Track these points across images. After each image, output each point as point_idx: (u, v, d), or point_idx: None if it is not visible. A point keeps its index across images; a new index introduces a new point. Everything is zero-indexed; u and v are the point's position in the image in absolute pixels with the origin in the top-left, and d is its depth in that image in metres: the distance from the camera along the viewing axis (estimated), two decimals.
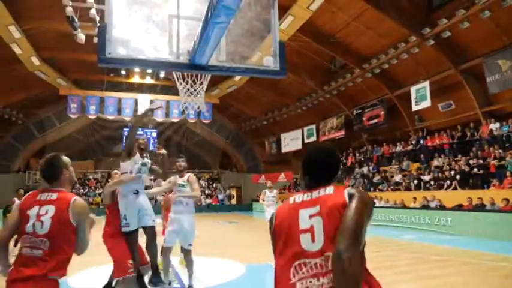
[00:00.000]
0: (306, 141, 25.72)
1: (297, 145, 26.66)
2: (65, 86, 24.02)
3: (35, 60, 19.92)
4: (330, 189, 1.80)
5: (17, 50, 18.29)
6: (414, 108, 17.70)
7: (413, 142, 18.62)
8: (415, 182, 16.05)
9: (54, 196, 2.47)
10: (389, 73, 18.78)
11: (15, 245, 3.03)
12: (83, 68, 23.63)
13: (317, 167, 1.95)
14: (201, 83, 7.51)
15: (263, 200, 11.29)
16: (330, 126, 24.18)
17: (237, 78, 23.43)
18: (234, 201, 31.44)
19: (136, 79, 27.07)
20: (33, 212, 2.37)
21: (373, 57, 18.21)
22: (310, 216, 1.76)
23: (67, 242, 2.36)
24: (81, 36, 15.01)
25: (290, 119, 26.90)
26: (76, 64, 22.91)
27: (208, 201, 28.44)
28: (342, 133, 23.06)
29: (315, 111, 24.77)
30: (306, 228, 1.75)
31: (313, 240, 1.71)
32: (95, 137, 30.84)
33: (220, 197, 29.85)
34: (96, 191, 27.00)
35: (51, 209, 2.38)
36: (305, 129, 25.98)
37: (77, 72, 24.71)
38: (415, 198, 14.64)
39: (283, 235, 1.83)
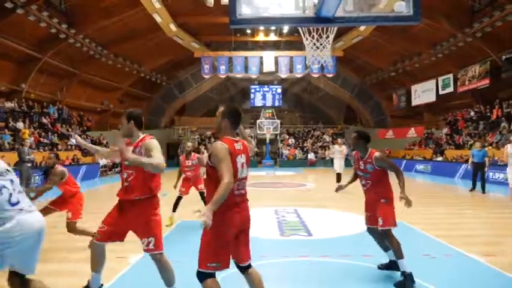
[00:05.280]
0: (441, 92, 23.16)
1: (430, 97, 24.24)
2: (198, 49, 26.11)
3: (173, 27, 22.08)
4: None
5: (158, 19, 20.48)
6: None
7: None
8: None
9: (241, 145, 2.91)
10: None
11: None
12: (213, 31, 25.25)
13: None
14: (327, 36, 7.33)
15: (333, 154, 13.69)
16: (471, 75, 21.16)
17: (362, 28, 22.04)
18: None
19: (261, 37, 27.76)
20: (238, 159, 2.83)
21: None
22: None
23: None
24: (210, 0, 15.94)
25: (422, 68, 24.38)
26: (207, 27, 24.59)
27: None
28: (486, 82, 20.00)
29: (453, 59, 21.85)
30: None
31: None
32: (226, 94, 33.29)
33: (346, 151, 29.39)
34: None
35: (245, 157, 2.91)
36: (440, 79, 23.32)
37: (208, 35, 26.53)
38: None
39: None
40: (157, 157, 3.11)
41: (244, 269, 2.95)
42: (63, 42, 19.40)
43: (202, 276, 2.74)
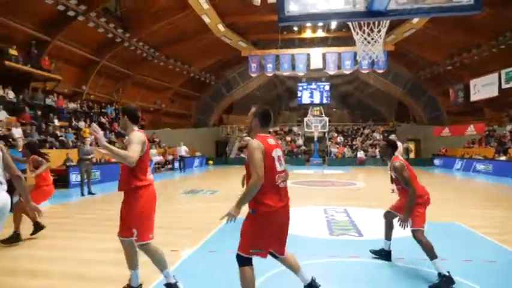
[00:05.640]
0: (504, 86, 21.51)
1: (492, 92, 22.59)
2: (245, 48, 26.39)
3: (221, 27, 22.53)
4: None
5: (206, 20, 20.97)
6: None
7: None
8: None
9: (274, 141, 3.08)
10: None
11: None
12: (260, 29, 25.39)
13: None
14: (379, 30, 7.07)
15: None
16: None
17: (416, 20, 21.06)
18: (411, 155, 29.43)
19: (308, 34, 27.48)
20: (274, 153, 2.99)
21: None
22: None
23: None
24: None
25: (482, 61, 22.79)
26: (254, 26, 24.78)
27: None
28: None
29: None
30: None
31: None
32: (273, 92, 33.39)
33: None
34: None
35: (281, 152, 3.08)
36: (503, 72, 21.66)
37: (255, 34, 26.72)
38: None
39: None
40: (131, 149, 3.25)
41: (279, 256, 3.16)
42: (119, 46, 20.51)
43: (241, 261, 2.92)
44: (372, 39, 7.15)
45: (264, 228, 2.90)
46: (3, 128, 13.41)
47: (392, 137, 11.71)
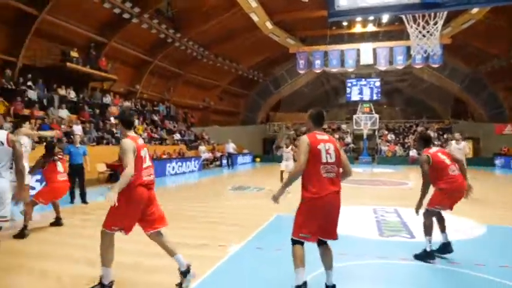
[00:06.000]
0: None
1: None
2: (293, 45, 26.18)
3: (269, 25, 22.53)
4: None
5: (255, 18, 21.08)
6: None
7: None
8: None
9: (326, 137, 3.46)
10: None
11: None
12: (308, 25, 25.08)
13: None
14: (435, 23, 6.66)
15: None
16: None
17: (475, 10, 19.72)
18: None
19: (357, 29, 26.71)
20: (321, 146, 3.34)
21: None
22: None
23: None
24: None
25: None
26: (301, 22, 24.53)
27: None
28: None
29: None
30: None
31: None
32: (321, 89, 32.91)
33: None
34: None
35: (332, 147, 3.38)
36: None
37: (302, 30, 26.43)
38: None
39: None
40: (125, 162, 3.41)
41: (323, 243, 3.43)
42: (170, 46, 21.23)
43: (293, 242, 3.31)
44: (428, 32, 6.75)
45: (308, 213, 3.28)
46: (65, 125, 14.40)
47: (457, 135, 11.17)
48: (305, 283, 3.23)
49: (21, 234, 5.66)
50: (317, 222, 3.27)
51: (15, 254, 4.79)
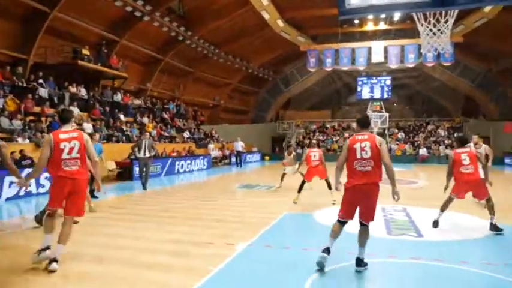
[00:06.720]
0: None
1: None
2: (304, 43, 26.07)
3: (280, 23, 22.49)
4: None
5: (266, 16, 21.06)
6: None
7: None
8: None
9: (366, 136, 4.10)
10: None
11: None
12: (319, 23, 24.97)
13: None
14: (446, 21, 6.58)
15: None
16: None
17: (487, 8, 19.42)
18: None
19: (369, 27, 26.49)
20: (357, 145, 4.05)
21: None
22: None
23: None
24: None
25: None
26: (312, 20, 24.42)
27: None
28: None
29: None
30: None
31: None
32: (331, 87, 32.71)
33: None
34: (333, 139, 28.85)
35: (368, 144, 4.02)
36: None
37: (313, 28, 26.31)
38: None
39: None
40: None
41: (361, 224, 4.07)
42: (181, 43, 21.32)
43: (337, 220, 4.14)
44: (438, 30, 6.67)
45: (346, 198, 4.10)
46: (75, 122, 14.56)
47: (475, 138, 10.75)
48: (328, 248, 3.98)
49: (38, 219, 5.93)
50: (351, 206, 4.05)
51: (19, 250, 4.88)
